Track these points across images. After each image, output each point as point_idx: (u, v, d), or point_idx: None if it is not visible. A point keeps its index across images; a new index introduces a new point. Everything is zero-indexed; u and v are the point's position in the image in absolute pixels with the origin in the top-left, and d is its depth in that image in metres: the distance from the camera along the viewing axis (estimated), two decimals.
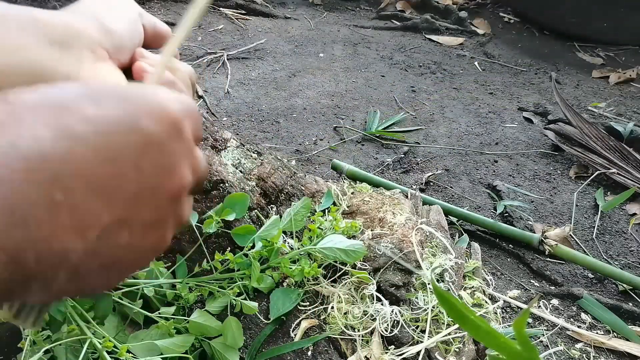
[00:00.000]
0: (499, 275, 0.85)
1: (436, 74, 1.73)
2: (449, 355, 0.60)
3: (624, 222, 1.03)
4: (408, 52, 1.91)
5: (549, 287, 0.83)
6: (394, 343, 0.61)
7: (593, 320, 0.77)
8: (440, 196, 1.05)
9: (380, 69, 1.72)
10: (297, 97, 1.45)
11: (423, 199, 0.90)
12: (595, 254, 0.93)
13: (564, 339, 0.73)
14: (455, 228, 0.94)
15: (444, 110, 1.47)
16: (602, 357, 0.71)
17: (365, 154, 1.20)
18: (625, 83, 1.77)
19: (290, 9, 2.28)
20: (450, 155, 1.22)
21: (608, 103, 1.57)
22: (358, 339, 0.61)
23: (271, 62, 1.67)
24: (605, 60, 2.00)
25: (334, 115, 1.36)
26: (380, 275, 0.66)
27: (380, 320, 0.61)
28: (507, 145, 1.30)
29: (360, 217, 0.75)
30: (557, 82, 1.71)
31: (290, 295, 0.64)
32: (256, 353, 0.59)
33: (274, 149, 1.16)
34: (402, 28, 2.15)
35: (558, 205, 1.07)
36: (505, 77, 1.76)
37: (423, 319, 0.63)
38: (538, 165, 1.22)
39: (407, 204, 0.79)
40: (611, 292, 0.84)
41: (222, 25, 1.94)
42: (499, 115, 1.46)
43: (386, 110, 1.42)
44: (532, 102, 1.55)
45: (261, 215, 0.70)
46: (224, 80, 1.48)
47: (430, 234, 0.74)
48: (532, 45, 2.11)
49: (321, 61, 1.73)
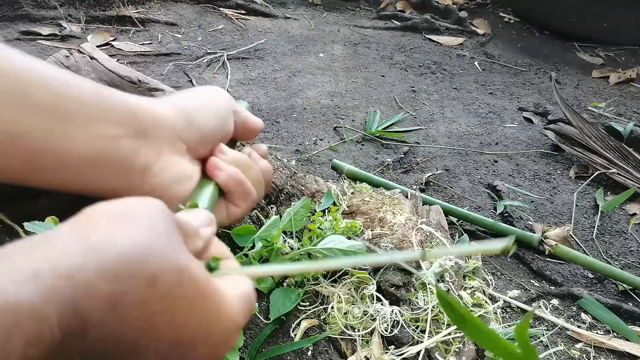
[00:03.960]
0: (499, 275, 0.85)
1: (436, 74, 1.73)
2: (449, 355, 0.60)
3: (624, 222, 1.03)
4: (408, 52, 1.91)
5: (549, 287, 0.83)
6: (394, 343, 0.61)
7: (593, 320, 0.77)
8: (440, 196, 1.05)
9: (380, 69, 1.72)
10: (297, 97, 1.45)
11: (423, 199, 0.90)
12: (595, 254, 0.93)
13: (564, 339, 0.73)
14: (455, 228, 0.94)
15: (444, 110, 1.47)
16: (602, 357, 0.71)
17: (365, 154, 1.20)
18: (625, 83, 1.77)
19: (290, 9, 2.28)
20: (450, 155, 1.22)
21: (608, 103, 1.57)
22: (358, 339, 0.61)
23: (271, 62, 1.67)
24: (605, 60, 2.00)
25: (334, 115, 1.36)
26: (380, 275, 0.66)
27: (380, 320, 0.61)
28: (507, 145, 1.30)
29: (360, 217, 0.75)
30: (557, 82, 1.71)
31: (290, 295, 0.64)
32: (256, 353, 0.59)
33: (273, 149, 1.16)
34: (402, 28, 2.15)
35: (558, 205, 1.07)
36: (505, 77, 1.76)
37: (423, 319, 0.63)
38: (538, 165, 1.22)
39: (407, 204, 0.79)
40: (611, 292, 0.84)
41: (222, 25, 1.94)
42: (499, 115, 1.46)
43: (386, 110, 1.42)
44: (532, 102, 1.55)
45: (261, 215, 0.70)
46: (224, 80, 1.48)
47: (430, 234, 0.74)
48: (532, 45, 2.11)
49: (321, 61, 1.73)
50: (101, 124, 0.32)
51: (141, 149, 0.34)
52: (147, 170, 0.35)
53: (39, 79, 0.30)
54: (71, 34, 1.68)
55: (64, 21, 1.74)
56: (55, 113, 0.30)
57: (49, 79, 0.31)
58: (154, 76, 1.36)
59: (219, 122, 0.41)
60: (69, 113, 0.31)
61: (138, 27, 1.81)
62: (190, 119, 0.38)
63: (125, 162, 0.34)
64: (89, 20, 1.79)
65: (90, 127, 0.32)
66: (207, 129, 0.39)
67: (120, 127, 0.33)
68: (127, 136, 0.34)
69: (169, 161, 0.36)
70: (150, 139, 0.35)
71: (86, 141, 0.32)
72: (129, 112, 0.34)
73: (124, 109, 0.34)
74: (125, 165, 0.34)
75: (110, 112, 0.33)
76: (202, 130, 0.39)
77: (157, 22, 1.87)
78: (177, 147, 0.37)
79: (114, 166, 0.33)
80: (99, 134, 0.32)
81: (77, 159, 0.32)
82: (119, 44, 1.65)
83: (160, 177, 0.36)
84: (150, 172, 0.35)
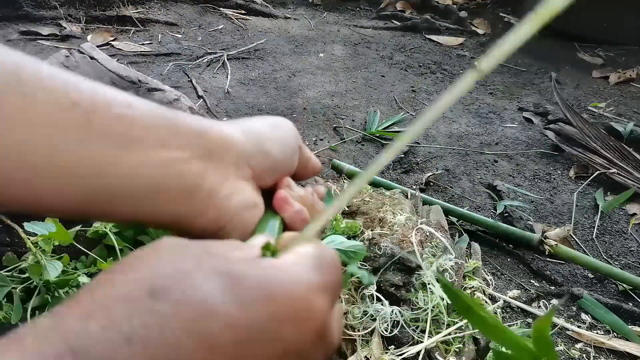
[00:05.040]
0: (499, 275, 0.85)
1: (436, 74, 1.73)
2: (449, 355, 0.60)
3: (624, 222, 1.03)
4: (408, 52, 1.91)
5: (549, 287, 0.83)
6: (394, 343, 0.61)
7: (593, 320, 0.77)
8: (440, 196, 1.05)
9: (380, 69, 1.72)
10: (297, 97, 1.45)
11: (423, 199, 0.90)
12: (595, 254, 0.93)
13: (564, 339, 0.73)
14: (455, 228, 0.94)
15: None
16: (602, 357, 0.71)
17: (365, 154, 1.20)
18: (625, 83, 1.77)
19: (290, 9, 2.28)
20: (450, 155, 1.22)
21: (608, 103, 1.57)
22: (358, 339, 0.61)
23: (271, 62, 1.67)
24: (605, 60, 2.00)
25: (334, 115, 1.36)
26: (380, 275, 0.66)
27: (380, 320, 0.61)
28: (507, 145, 1.30)
29: (360, 217, 0.75)
30: (557, 82, 1.71)
31: None
32: None
33: None
34: (402, 28, 2.15)
35: (558, 205, 1.07)
36: (505, 77, 1.76)
37: (423, 319, 0.63)
38: (538, 165, 1.22)
39: (407, 204, 0.79)
40: (611, 292, 0.84)
41: (222, 25, 1.94)
42: (499, 115, 1.46)
43: (386, 110, 1.42)
44: (532, 102, 1.55)
45: None
46: (224, 80, 1.48)
47: (430, 234, 0.74)
48: (532, 45, 2.11)
49: (321, 61, 1.73)
50: (167, 147, 0.31)
51: (207, 172, 0.32)
52: (213, 195, 0.33)
53: (101, 105, 0.29)
54: (71, 34, 1.68)
55: (64, 21, 1.74)
56: (119, 140, 0.29)
57: (110, 103, 0.29)
58: (154, 76, 1.36)
59: (289, 153, 0.38)
60: (134, 139, 0.30)
61: (138, 27, 1.81)
62: (260, 145, 0.36)
63: (191, 187, 0.32)
64: (89, 20, 1.79)
65: (156, 151, 0.30)
66: (277, 157, 0.37)
67: (186, 149, 0.31)
68: (193, 158, 0.32)
69: (236, 186, 0.34)
70: (216, 162, 0.33)
71: (152, 167, 0.30)
72: (194, 134, 0.32)
73: (190, 130, 0.32)
74: (191, 189, 0.32)
75: (176, 134, 0.31)
76: (271, 159, 0.36)
77: (157, 22, 1.87)
78: (244, 173, 0.35)
79: (179, 191, 0.31)
80: (165, 158, 0.30)
81: (143, 186, 0.30)
82: (119, 44, 1.65)
83: (228, 203, 0.33)
84: (216, 197, 0.33)
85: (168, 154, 0.31)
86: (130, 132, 0.30)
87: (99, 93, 0.29)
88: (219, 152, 0.34)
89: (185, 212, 0.32)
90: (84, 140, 0.28)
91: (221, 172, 0.33)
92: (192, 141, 0.32)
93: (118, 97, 0.30)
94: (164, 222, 0.33)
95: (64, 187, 0.28)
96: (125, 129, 0.30)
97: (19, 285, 0.57)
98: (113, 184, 0.29)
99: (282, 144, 0.38)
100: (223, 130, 0.35)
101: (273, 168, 0.37)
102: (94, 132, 0.28)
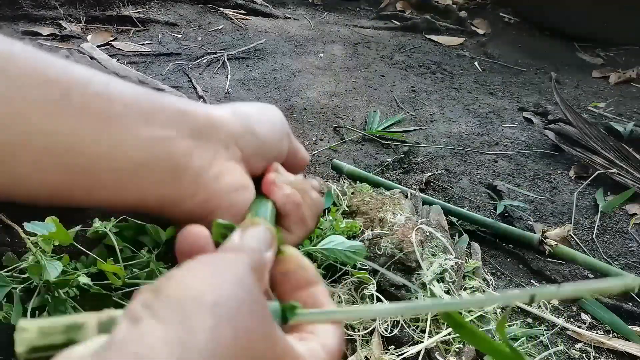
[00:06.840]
0: (499, 275, 0.85)
1: (436, 74, 1.73)
2: (449, 355, 0.60)
3: (624, 222, 1.03)
4: (408, 52, 1.91)
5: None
6: (394, 343, 0.61)
7: (593, 320, 0.77)
8: (440, 196, 1.05)
9: (380, 69, 1.72)
10: (297, 97, 1.45)
11: (423, 199, 0.90)
12: (595, 254, 0.93)
13: (564, 339, 0.73)
14: (455, 228, 0.94)
15: (444, 110, 1.47)
16: (602, 357, 0.71)
17: (365, 154, 1.20)
18: (625, 83, 1.77)
19: (290, 9, 2.28)
20: (450, 155, 1.22)
21: (608, 103, 1.57)
22: (358, 339, 0.61)
23: (271, 62, 1.67)
24: (605, 60, 2.00)
25: (334, 115, 1.36)
26: (380, 275, 0.66)
27: (380, 320, 0.61)
28: (507, 145, 1.30)
29: (360, 217, 0.75)
30: (557, 82, 1.71)
31: None
32: None
33: None
34: (402, 28, 2.15)
35: (558, 205, 1.07)
36: (505, 77, 1.76)
37: (423, 319, 0.63)
38: (538, 165, 1.22)
39: (407, 204, 0.79)
40: (611, 292, 0.84)
41: (222, 25, 1.94)
42: (499, 115, 1.46)
43: (386, 110, 1.42)
44: (532, 102, 1.55)
45: None
46: (224, 80, 1.48)
47: (430, 234, 0.74)
48: (532, 45, 2.11)
49: (321, 61, 1.73)
50: (150, 125, 0.30)
51: (194, 152, 0.31)
52: (202, 175, 0.32)
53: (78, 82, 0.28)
54: (71, 34, 1.68)
55: (64, 21, 1.74)
56: (98, 116, 0.28)
57: (88, 81, 0.28)
58: (154, 76, 1.36)
59: (277, 137, 0.38)
60: (114, 115, 0.28)
61: (138, 27, 1.81)
62: (248, 125, 0.35)
63: (178, 165, 0.31)
64: (89, 20, 1.79)
65: (138, 129, 0.29)
66: (265, 140, 0.36)
67: (171, 128, 0.30)
68: (180, 137, 0.31)
69: (225, 166, 0.33)
70: (203, 141, 0.32)
71: (135, 145, 0.29)
72: (179, 112, 0.31)
73: (175, 109, 0.31)
74: (177, 169, 0.31)
75: (159, 112, 0.30)
76: (260, 140, 0.36)
77: (157, 22, 1.87)
78: (233, 153, 0.34)
79: (165, 171, 0.30)
80: (148, 136, 0.29)
81: (125, 166, 0.29)
82: (119, 44, 1.65)
83: (217, 184, 0.32)
84: (204, 178, 0.32)
85: (151, 131, 0.29)
86: (110, 109, 0.28)
87: (75, 71, 0.28)
88: (207, 131, 0.33)
89: (172, 194, 0.31)
90: (61, 115, 0.27)
91: (210, 151, 0.32)
92: (178, 119, 0.31)
93: (96, 76, 0.29)
94: (150, 205, 0.31)
95: (42, 166, 0.27)
96: (104, 104, 0.28)
97: (19, 285, 0.56)
98: (94, 163, 0.28)
99: (270, 126, 0.37)
100: (210, 111, 0.34)
101: (262, 150, 0.36)
102: (71, 108, 0.27)
